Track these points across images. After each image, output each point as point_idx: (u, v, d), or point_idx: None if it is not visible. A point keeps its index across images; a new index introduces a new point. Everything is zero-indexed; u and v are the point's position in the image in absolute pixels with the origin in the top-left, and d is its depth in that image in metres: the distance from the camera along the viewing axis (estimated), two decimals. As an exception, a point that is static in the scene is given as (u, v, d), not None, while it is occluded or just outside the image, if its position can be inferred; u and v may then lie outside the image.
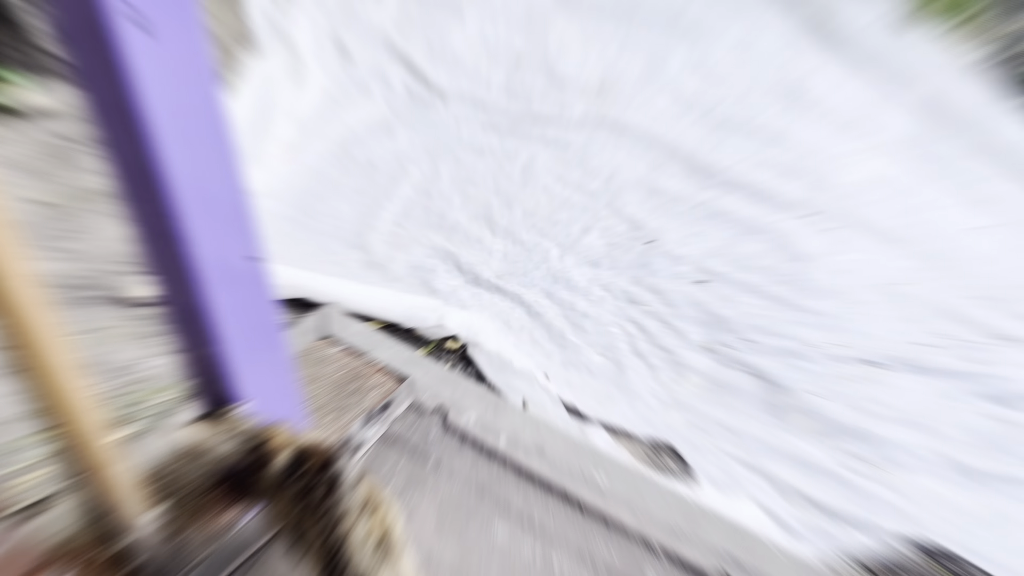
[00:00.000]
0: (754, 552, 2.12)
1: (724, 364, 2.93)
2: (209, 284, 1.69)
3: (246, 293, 1.80)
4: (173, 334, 1.85)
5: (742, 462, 2.57)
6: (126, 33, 1.32)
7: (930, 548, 2.30)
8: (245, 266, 1.76)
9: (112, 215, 3.41)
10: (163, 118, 1.42)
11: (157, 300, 1.82)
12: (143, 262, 1.75)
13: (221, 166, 1.60)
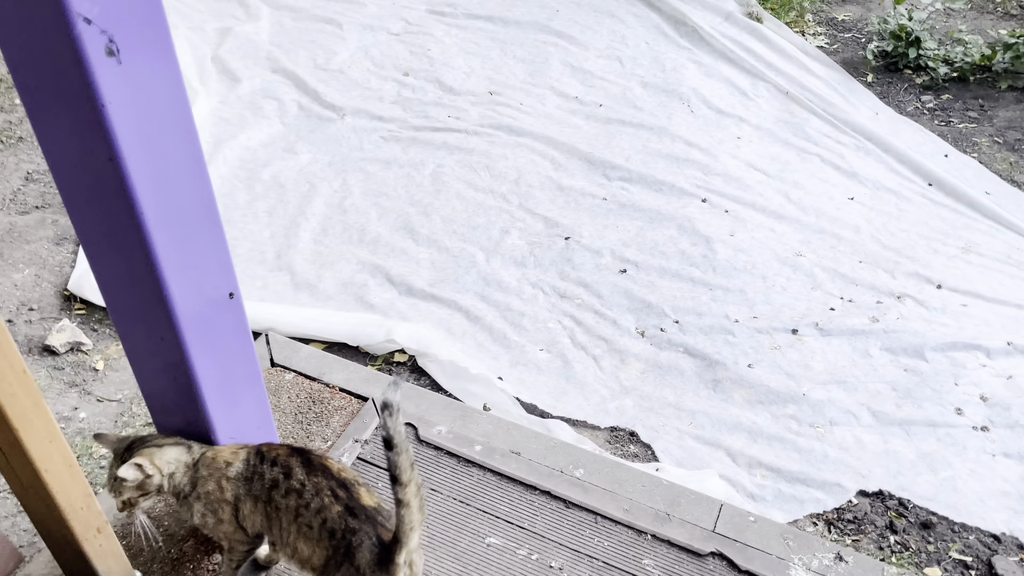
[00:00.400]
0: (736, 525, 2.27)
1: (660, 347, 3.09)
2: (187, 321, 1.63)
3: (223, 328, 1.76)
4: (144, 370, 1.78)
5: (698, 438, 2.73)
6: (93, 58, 1.26)
7: (880, 495, 2.54)
8: (223, 301, 1.71)
9: (12, 260, 3.16)
10: (134, 149, 1.37)
11: (126, 340, 1.74)
12: (115, 306, 1.67)
13: (197, 196, 1.56)
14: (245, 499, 1.78)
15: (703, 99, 4.72)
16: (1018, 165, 4.39)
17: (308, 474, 1.72)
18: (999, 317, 3.26)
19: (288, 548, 1.76)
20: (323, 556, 1.69)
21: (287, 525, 1.74)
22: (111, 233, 1.46)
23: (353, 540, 1.65)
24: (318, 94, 4.55)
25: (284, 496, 1.72)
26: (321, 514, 1.68)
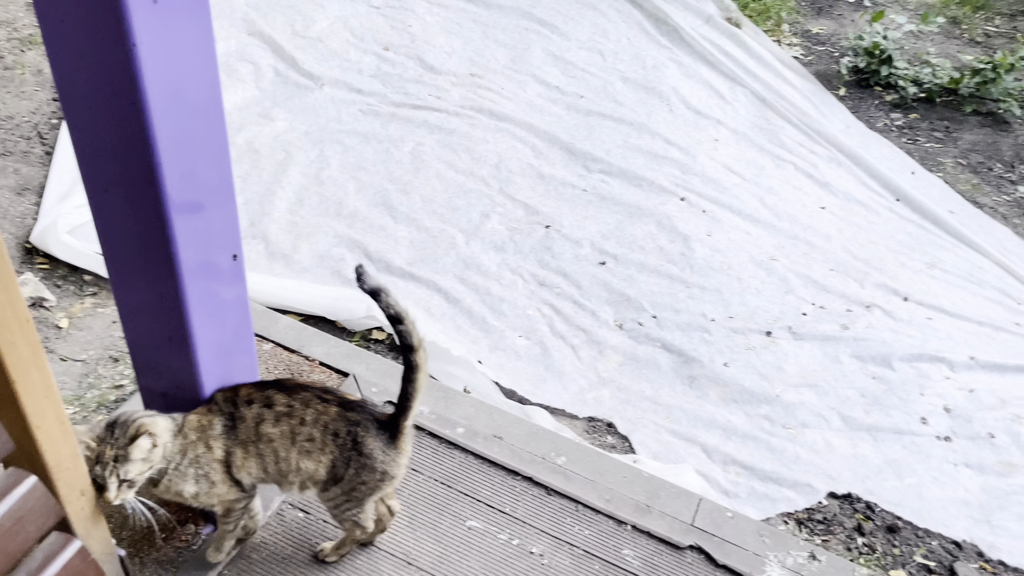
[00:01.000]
0: (714, 520, 2.29)
1: (638, 340, 3.10)
2: (190, 279, 1.57)
3: (223, 289, 1.70)
4: (137, 328, 1.71)
5: (674, 433, 2.75)
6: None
7: (849, 498, 2.59)
8: (226, 262, 1.65)
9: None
10: (160, 94, 1.31)
11: (121, 295, 1.66)
12: (115, 259, 1.59)
13: (215, 152, 1.50)
14: (235, 450, 1.73)
15: (682, 99, 4.75)
16: (980, 187, 4.53)
17: (290, 395, 1.75)
18: (961, 332, 3.36)
19: (292, 475, 1.78)
20: (329, 461, 1.76)
21: (285, 453, 1.75)
22: (124, 182, 1.38)
23: (359, 431, 1.75)
24: (295, 61, 4.43)
25: (275, 424, 1.73)
26: (320, 421, 1.74)
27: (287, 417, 1.74)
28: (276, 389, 1.77)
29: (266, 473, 1.79)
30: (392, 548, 2.09)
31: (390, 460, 1.80)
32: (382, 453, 1.79)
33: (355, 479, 1.79)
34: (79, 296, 2.79)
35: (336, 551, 2.02)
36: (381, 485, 1.83)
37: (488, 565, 2.10)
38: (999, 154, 4.84)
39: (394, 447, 1.80)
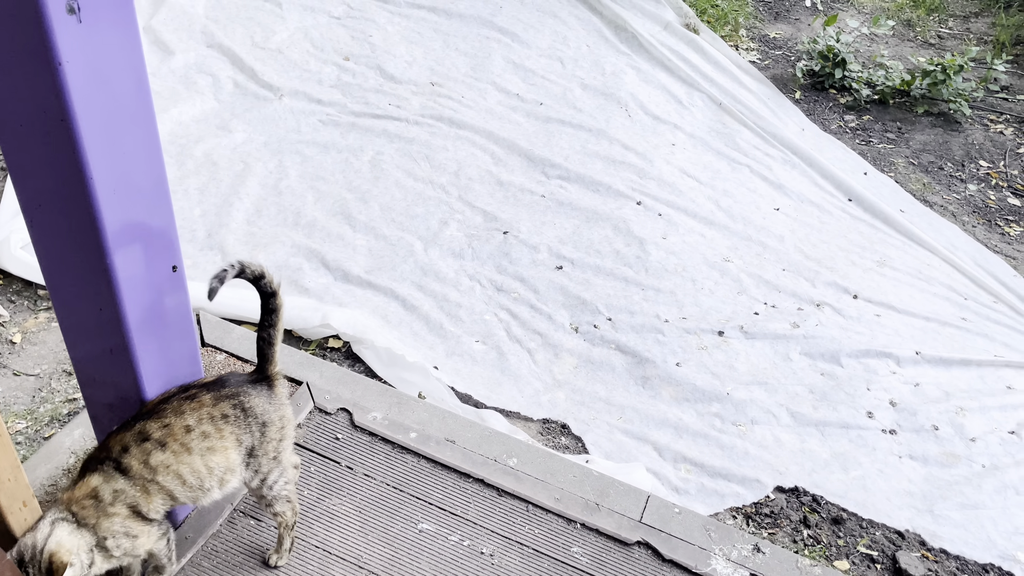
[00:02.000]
0: (662, 516, 2.34)
1: (593, 343, 3.16)
2: (128, 292, 1.60)
3: (164, 301, 1.72)
4: (78, 342, 1.73)
5: (627, 432, 2.80)
6: (53, 14, 1.23)
7: (795, 491, 2.66)
8: (166, 274, 1.68)
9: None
10: (88, 110, 1.34)
11: (61, 310, 1.68)
12: (52, 274, 1.61)
13: (148, 165, 1.53)
14: (139, 497, 1.71)
15: (640, 104, 4.82)
16: (930, 186, 4.64)
17: (158, 417, 1.74)
18: (909, 328, 3.45)
19: (207, 480, 1.78)
20: (234, 441, 1.81)
21: (190, 467, 1.75)
22: (56, 197, 1.41)
23: (241, 400, 1.83)
24: (255, 72, 4.45)
25: (163, 450, 1.71)
26: (203, 417, 1.77)
27: (170, 436, 1.72)
28: (141, 421, 1.74)
29: (174, 500, 1.77)
30: (343, 552, 2.13)
31: (278, 405, 1.91)
32: (269, 403, 1.89)
33: (264, 440, 1.86)
34: (33, 311, 2.80)
35: (281, 549, 2.06)
36: (285, 432, 1.93)
37: (439, 567, 2.13)
38: (949, 153, 4.95)
39: (274, 395, 1.91)
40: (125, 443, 1.70)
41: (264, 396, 1.88)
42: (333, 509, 2.22)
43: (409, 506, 2.27)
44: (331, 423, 2.46)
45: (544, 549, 2.22)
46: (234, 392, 1.83)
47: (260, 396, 1.87)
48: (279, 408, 1.91)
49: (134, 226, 1.53)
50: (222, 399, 1.81)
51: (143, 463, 1.70)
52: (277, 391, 1.92)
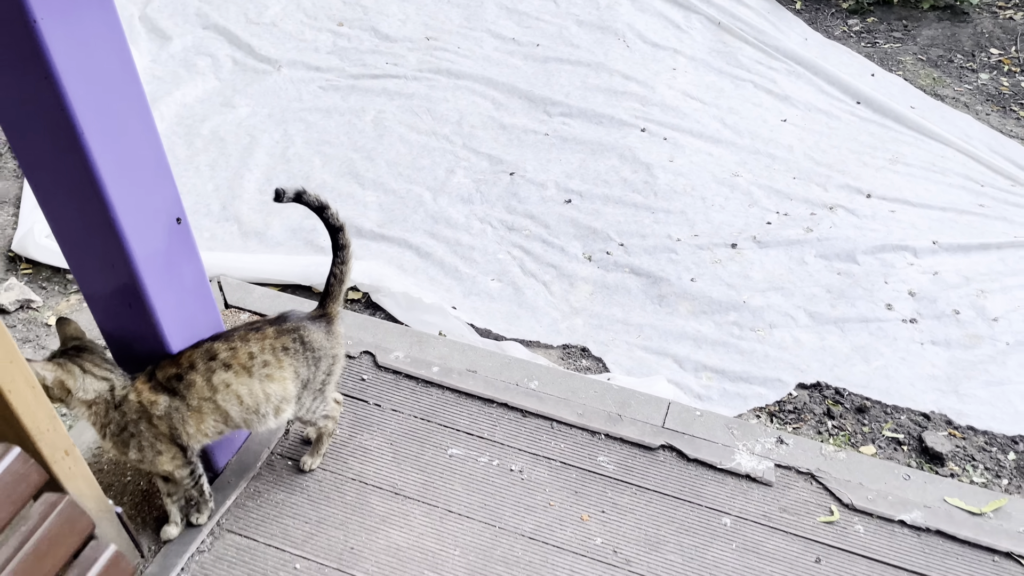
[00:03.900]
0: (684, 420, 2.39)
1: (607, 269, 3.19)
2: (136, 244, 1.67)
3: (173, 251, 1.79)
4: (99, 303, 1.81)
5: (646, 349, 2.84)
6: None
7: (818, 386, 2.69)
8: (171, 226, 1.75)
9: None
10: (71, 68, 1.40)
11: (79, 275, 1.76)
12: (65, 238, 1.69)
13: (137, 118, 1.59)
14: (186, 419, 1.82)
15: (638, 33, 4.78)
16: (941, 80, 4.55)
17: (226, 340, 1.86)
18: (925, 220, 3.42)
19: (263, 406, 1.89)
20: (292, 373, 1.92)
21: (248, 389, 1.85)
22: (53, 157, 1.49)
23: (301, 334, 1.93)
24: (252, 48, 4.50)
25: (228, 370, 1.83)
26: (266, 346, 1.87)
27: (235, 358, 1.84)
28: (210, 342, 1.86)
29: (227, 423, 1.88)
30: (379, 482, 2.22)
31: (334, 343, 2.02)
32: (327, 340, 1.99)
33: (316, 374, 1.98)
34: (64, 295, 2.91)
35: (316, 454, 2.22)
36: (335, 368, 2.04)
37: (471, 486, 2.21)
38: (959, 45, 4.84)
39: (332, 332, 2.01)
40: (193, 360, 1.83)
41: (323, 332, 1.98)
42: (365, 444, 2.31)
43: (437, 434, 2.35)
44: (356, 366, 2.54)
45: (571, 461, 2.29)
46: (296, 327, 1.94)
47: (320, 332, 1.97)
48: (335, 346, 2.02)
49: (132, 180, 1.60)
50: (284, 332, 1.92)
51: (206, 380, 1.82)
52: (335, 329, 2.03)
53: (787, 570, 2.06)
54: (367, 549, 2.06)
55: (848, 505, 2.19)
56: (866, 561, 2.08)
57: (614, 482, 2.24)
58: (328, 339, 1.99)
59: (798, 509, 2.19)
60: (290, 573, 2.00)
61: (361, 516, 2.13)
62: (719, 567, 2.06)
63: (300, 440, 2.32)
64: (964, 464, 2.42)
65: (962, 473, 2.40)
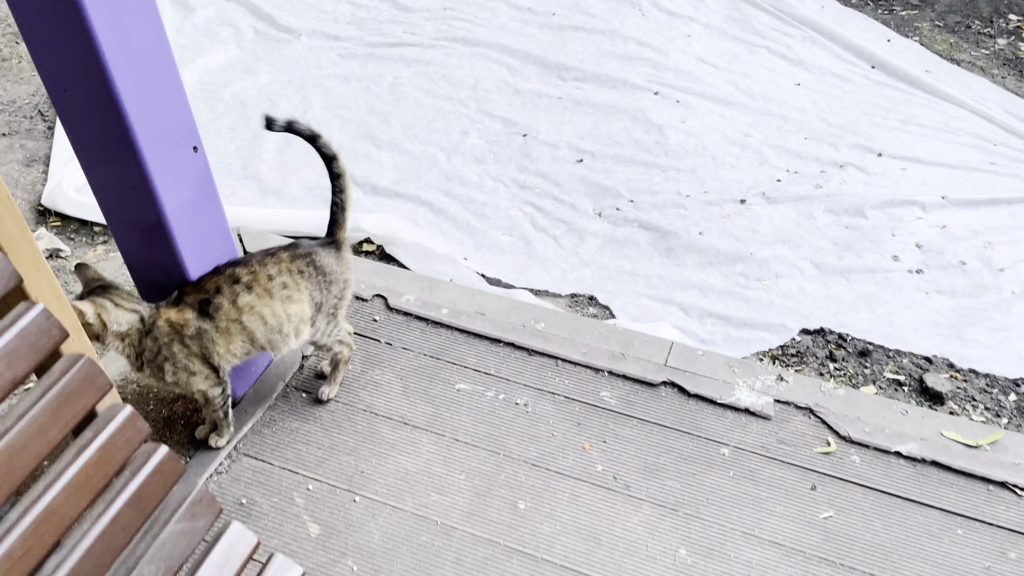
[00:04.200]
0: (686, 359, 2.45)
1: (616, 224, 3.25)
2: (156, 168, 1.76)
3: (190, 177, 1.88)
4: (121, 230, 1.90)
5: (653, 298, 2.90)
6: None
7: (821, 332, 2.73)
8: (188, 154, 1.84)
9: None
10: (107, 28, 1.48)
11: (102, 201, 1.86)
12: (88, 161, 1.78)
13: (156, 50, 1.67)
14: (216, 339, 1.93)
15: (653, 2, 4.82)
16: (957, 45, 4.54)
17: (245, 265, 1.97)
18: (935, 177, 3.43)
19: (286, 326, 2.00)
20: (308, 296, 2.02)
21: (271, 310, 1.96)
22: (78, 80, 1.58)
23: (314, 259, 2.03)
24: (273, 19, 4.60)
25: (250, 292, 1.93)
26: (283, 270, 1.98)
27: (256, 281, 1.95)
28: (231, 267, 1.97)
29: (253, 344, 1.99)
30: (389, 413, 2.30)
31: (344, 268, 2.13)
32: (337, 265, 2.10)
33: (329, 297, 2.08)
34: (91, 245, 3.03)
35: (333, 382, 2.31)
36: (345, 292, 2.15)
37: (477, 417, 2.29)
38: (977, 11, 4.82)
39: (341, 258, 2.12)
40: (218, 284, 1.94)
41: (333, 257, 2.09)
42: (376, 379, 2.40)
43: (446, 371, 2.43)
44: (368, 308, 2.63)
45: (575, 396, 2.36)
46: (308, 252, 2.05)
47: (330, 257, 2.08)
48: (345, 271, 2.13)
49: (152, 107, 1.69)
50: (298, 257, 2.02)
51: (232, 303, 1.93)
52: (344, 255, 2.13)
53: (783, 496, 2.11)
54: (377, 473, 2.15)
55: (845, 437, 2.24)
56: (861, 489, 2.13)
57: (616, 415, 2.30)
58: (338, 264, 2.08)
59: (795, 441, 2.24)
60: (303, 494, 2.10)
61: (372, 443, 2.22)
62: (716, 492, 2.12)
63: (314, 374, 2.41)
64: (964, 404, 2.46)
65: (961, 412, 2.43)
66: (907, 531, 2.04)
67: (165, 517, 1.17)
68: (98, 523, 1.07)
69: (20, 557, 0.98)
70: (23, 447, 1.00)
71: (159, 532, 1.16)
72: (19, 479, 0.99)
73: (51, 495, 1.02)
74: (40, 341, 1.02)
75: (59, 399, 1.04)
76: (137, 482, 1.13)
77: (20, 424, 1.00)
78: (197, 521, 1.20)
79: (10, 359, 0.99)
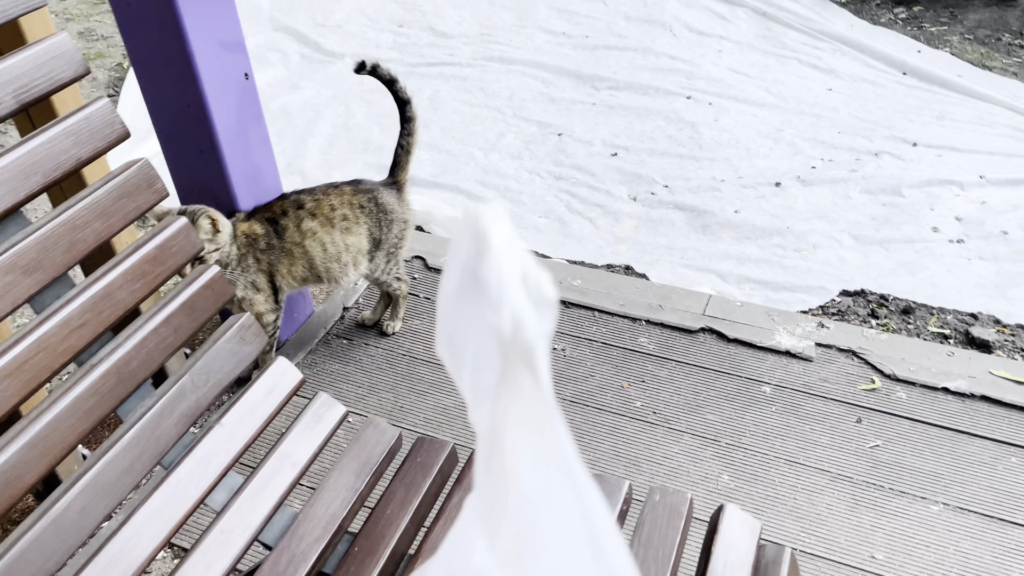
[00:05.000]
0: (724, 309, 2.45)
1: (651, 207, 3.29)
2: (211, 87, 1.85)
3: (241, 101, 1.97)
4: (174, 152, 1.99)
5: (689, 266, 2.91)
6: None
7: (862, 292, 2.70)
8: (240, 80, 1.93)
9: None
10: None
11: (158, 124, 1.95)
12: (147, 82, 1.89)
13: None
14: (281, 259, 2.01)
15: (684, 24, 4.95)
16: (988, 55, 4.58)
17: (310, 195, 2.07)
18: (972, 162, 3.43)
19: (344, 255, 2.08)
20: (366, 229, 2.09)
21: (331, 238, 2.05)
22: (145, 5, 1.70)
23: (376, 196, 2.11)
24: (318, 44, 4.82)
25: (313, 219, 2.03)
26: (344, 202, 2.07)
27: (319, 209, 2.05)
28: (296, 194, 2.06)
29: (312, 270, 2.07)
30: (428, 357, 2.32)
31: (405, 208, 2.20)
32: (398, 204, 2.18)
33: (388, 235, 2.15)
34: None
35: (396, 317, 2.37)
36: (405, 232, 2.21)
37: (515, 361, 2.30)
38: (1007, 26, 4.87)
39: (402, 199, 2.19)
40: (284, 207, 2.03)
41: (394, 197, 2.17)
42: (416, 328, 2.43)
43: (484, 321, 2.45)
44: (408, 267, 2.67)
45: (612, 342, 2.36)
46: (370, 188, 2.14)
47: (391, 196, 2.16)
48: (405, 212, 2.21)
49: (210, 31, 1.80)
50: (360, 192, 2.11)
51: (296, 226, 2.02)
52: (405, 196, 2.22)
53: (827, 429, 2.07)
54: (416, 408, 2.15)
55: (890, 376, 2.20)
56: (908, 421, 2.08)
57: (654, 358, 2.29)
58: (399, 204, 2.17)
59: (839, 379, 2.20)
60: (343, 425, 2.11)
61: (410, 383, 2.23)
62: (758, 425, 2.08)
63: (355, 324, 2.45)
64: (1012, 354, 2.40)
65: (1010, 360, 2.38)
66: (958, 459, 1.98)
67: (216, 336, 1.21)
68: (153, 319, 1.11)
69: (78, 326, 1.02)
70: (85, 224, 1.05)
71: (209, 347, 1.19)
72: (82, 252, 1.04)
73: (110, 278, 1.07)
74: (103, 131, 1.08)
75: (120, 191, 1.09)
76: (190, 291, 1.17)
77: (84, 202, 1.05)
78: (245, 346, 1.23)
79: (77, 138, 1.05)
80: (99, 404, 1.02)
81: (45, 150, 1.01)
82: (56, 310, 1.00)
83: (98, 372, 1.03)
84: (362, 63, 2.06)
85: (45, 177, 1.00)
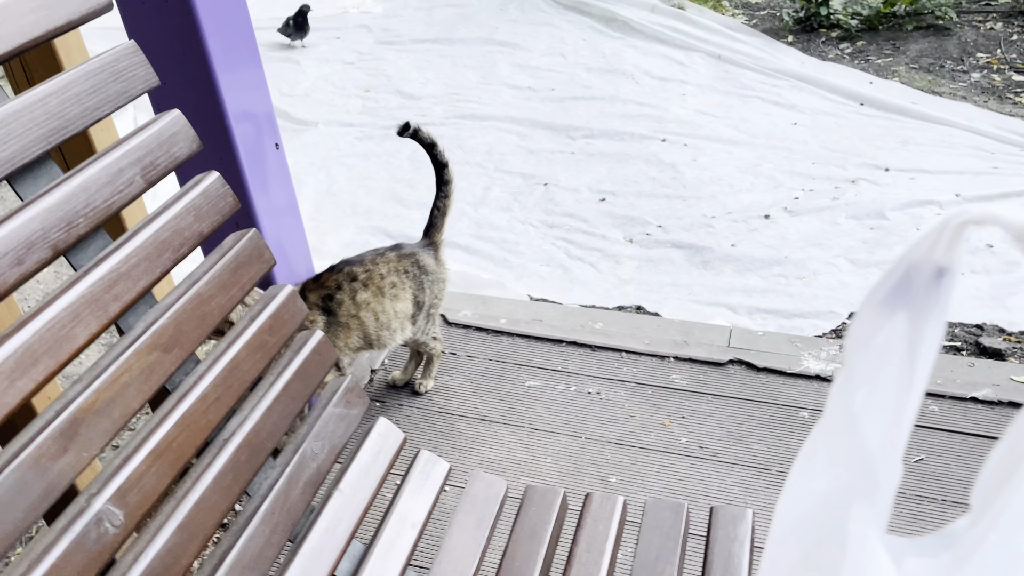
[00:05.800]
0: (747, 340, 2.49)
1: (649, 247, 3.35)
2: (247, 158, 1.86)
3: (271, 169, 1.98)
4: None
5: (698, 302, 2.96)
6: None
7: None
8: (271, 150, 1.94)
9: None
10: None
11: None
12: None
13: (248, 52, 1.81)
14: (337, 334, 2.01)
15: (645, 72, 5.12)
16: (936, 81, 4.83)
17: (360, 265, 2.08)
18: (944, 182, 3.59)
19: (394, 323, 2.10)
20: (411, 294, 2.10)
21: (382, 307, 2.06)
22: (184, 72, 1.70)
23: (418, 259, 2.12)
24: (288, 114, 4.84)
25: (366, 290, 2.03)
26: (392, 269, 2.08)
27: (371, 280, 2.07)
28: (347, 266, 2.07)
29: (365, 339, 2.06)
30: (464, 411, 2.30)
31: (442, 268, 2.23)
32: (436, 265, 2.20)
33: (430, 296, 2.17)
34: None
35: (428, 376, 2.36)
36: (441, 293, 2.22)
37: (552, 408, 2.30)
38: (947, 53, 5.15)
39: (439, 259, 2.22)
40: (339, 281, 2.03)
41: (432, 258, 2.19)
42: (447, 384, 2.41)
43: (513, 371, 2.45)
44: (427, 326, 2.66)
45: (645, 381, 2.38)
46: (412, 252, 2.16)
47: (430, 258, 2.19)
48: (442, 271, 2.23)
49: (244, 105, 1.80)
50: (404, 257, 2.13)
51: (352, 299, 2.03)
52: (441, 256, 2.23)
53: (871, 447, 2.11)
54: (461, 464, 2.13)
55: (919, 390, 2.26)
56: (946, 433, 2.13)
57: (689, 393, 2.32)
58: (437, 265, 2.19)
59: (872, 398, 2.25)
60: (390, 487, 2.07)
61: (452, 439, 2.21)
62: (804, 450, 2.11)
63: (385, 385, 2.42)
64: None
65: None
66: (1001, 465, 2.03)
67: (323, 402, 1.19)
68: (273, 388, 1.09)
69: (214, 401, 1.00)
70: (210, 299, 1.03)
71: (320, 413, 1.17)
72: (210, 327, 1.02)
73: (234, 350, 1.05)
74: (217, 206, 1.08)
75: (236, 262, 1.08)
76: (301, 357, 1.15)
77: (207, 276, 1.04)
78: (352, 409, 1.21)
79: (197, 213, 1.04)
80: (236, 479, 0.99)
81: (171, 227, 1.00)
82: (190, 387, 0.98)
83: (232, 446, 1.00)
84: (406, 125, 2.09)
85: (175, 254, 0.99)
